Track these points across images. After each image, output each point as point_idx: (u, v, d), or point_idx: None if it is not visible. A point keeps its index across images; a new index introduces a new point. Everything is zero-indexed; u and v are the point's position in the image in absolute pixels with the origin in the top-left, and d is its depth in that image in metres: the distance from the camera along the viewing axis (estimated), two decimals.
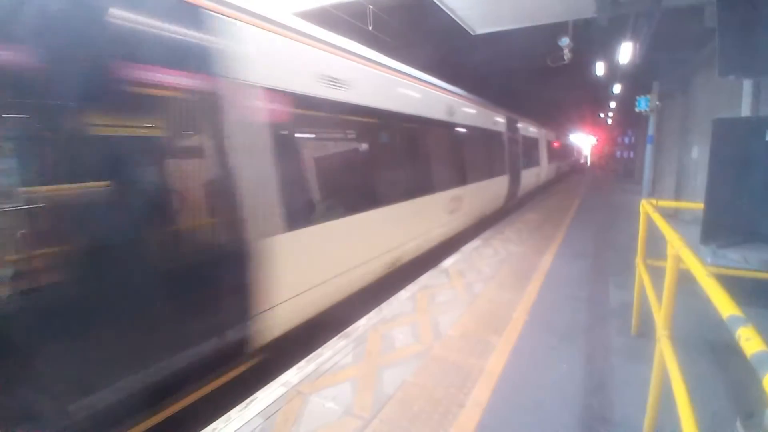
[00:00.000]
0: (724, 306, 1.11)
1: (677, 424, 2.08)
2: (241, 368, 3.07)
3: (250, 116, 3.05)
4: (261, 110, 3.15)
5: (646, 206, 3.29)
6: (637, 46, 6.33)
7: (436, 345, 3.35)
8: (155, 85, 2.48)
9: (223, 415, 2.48)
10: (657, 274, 2.98)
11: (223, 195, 2.84)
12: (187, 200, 2.67)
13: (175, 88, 2.59)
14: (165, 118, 2.59)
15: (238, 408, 2.53)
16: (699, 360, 2.94)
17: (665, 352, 1.88)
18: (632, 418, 2.37)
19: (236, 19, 2.96)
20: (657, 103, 9.38)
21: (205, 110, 2.76)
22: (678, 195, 8.49)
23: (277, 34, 3.36)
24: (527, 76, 12.43)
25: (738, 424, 2.19)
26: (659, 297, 2.26)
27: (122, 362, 2.22)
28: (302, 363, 3.07)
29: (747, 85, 3.59)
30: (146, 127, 2.54)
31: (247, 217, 2.89)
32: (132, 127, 2.46)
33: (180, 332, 2.52)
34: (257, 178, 3.04)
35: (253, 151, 3.02)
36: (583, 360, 3.13)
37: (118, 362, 2.20)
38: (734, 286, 1.32)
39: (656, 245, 3.34)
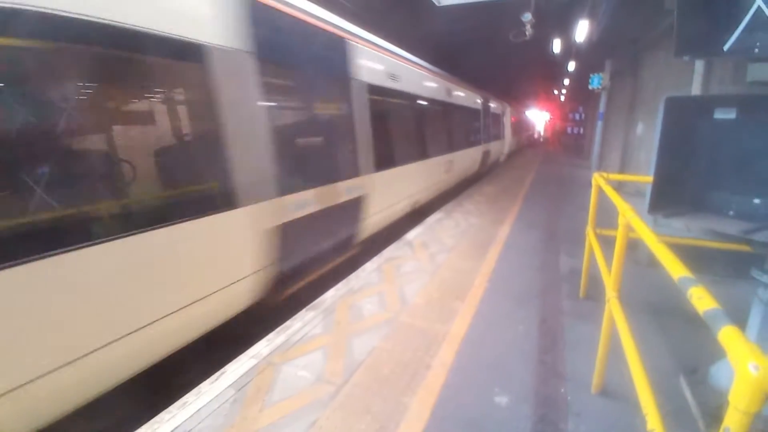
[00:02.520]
0: (675, 269, 1.23)
1: (622, 377, 2.32)
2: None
3: None
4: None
5: (598, 179, 3.51)
6: (594, 23, 6.53)
7: (403, 313, 3.46)
8: None
9: (192, 389, 2.45)
10: (604, 242, 3.23)
11: None
12: None
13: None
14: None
15: (208, 381, 2.51)
16: (641, 321, 3.26)
17: (614, 312, 2.06)
18: (582, 372, 2.62)
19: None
20: (608, 81, 9.82)
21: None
22: (623, 169, 9.07)
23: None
24: (488, 50, 12.50)
25: (682, 379, 2.47)
26: (608, 262, 2.47)
27: None
28: (271, 335, 3.07)
29: (699, 65, 3.85)
30: None
31: None
32: None
33: None
34: None
35: None
36: (538, 321, 3.37)
37: None
38: (676, 253, 1.46)
39: (601, 215, 3.60)
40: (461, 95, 9.90)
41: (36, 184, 1.93)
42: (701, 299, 0.99)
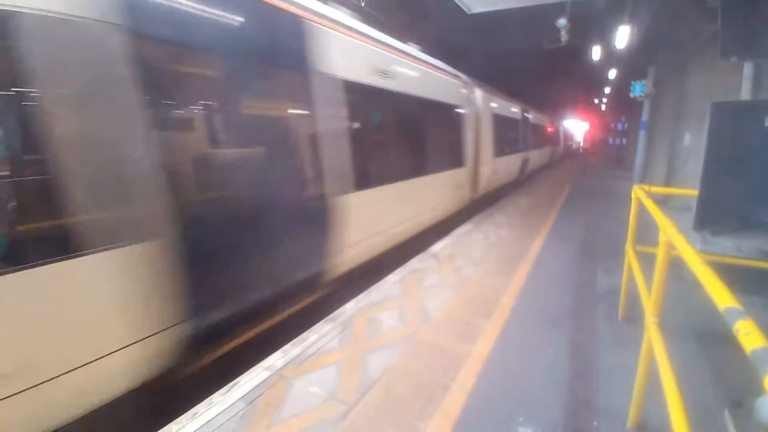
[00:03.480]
0: (721, 297, 1.06)
1: (662, 411, 2.08)
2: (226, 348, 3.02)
3: None
4: None
5: (638, 192, 3.25)
6: (635, 29, 6.22)
7: (424, 329, 3.32)
8: None
9: (205, 399, 2.43)
10: (645, 260, 2.96)
11: None
12: None
13: None
14: None
15: (220, 392, 2.49)
16: (685, 347, 2.96)
17: (654, 340, 1.85)
18: (617, 404, 2.38)
19: None
20: (652, 88, 9.31)
21: None
22: (669, 182, 8.51)
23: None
24: (522, 58, 12.22)
25: (726, 413, 2.19)
26: (648, 283, 2.24)
27: None
28: (287, 346, 3.03)
29: (748, 68, 3.52)
30: None
31: None
32: None
33: None
34: None
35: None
36: (570, 345, 3.13)
37: None
38: (725, 273, 1.28)
39: (644, 231, 3.33)
40: (548, 124, 20.52)
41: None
42: (749, 335, 0.83)
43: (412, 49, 6.01)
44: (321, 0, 4.10)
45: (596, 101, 27.01)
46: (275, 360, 2.84)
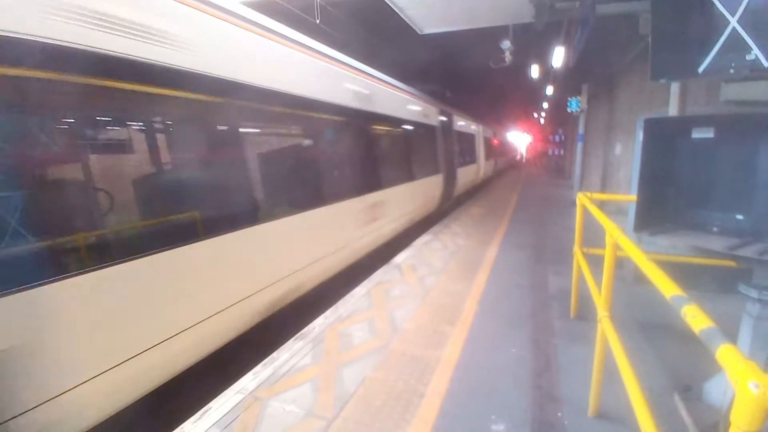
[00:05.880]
0: (667, 288, 1.22)
1: (617, 398, 2.28)
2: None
3: None
4: None
5: (582, 199, 3.56)
6: (570, 50, 6.82)
7: (394, 339, 3.38)
8: None
9: (175, 428, 2.32)
10: (590, 261, 3.25)
11: None
12: None
13: None
14: None
15: (191, 420, 2.38)
16: (631, 339, 3.25)
17: (608, 332, 2.04)
18: (578, 395, 2.56)
19: None
20: (585, 104, 10.18)
21: None
22: (603, 187, 9.28)
23: None
24: (471, 77, 12.91)
25: (676, 397, 2.44)
26: (597, 282, 2.47)
27: None
28: (258, 368, 2.96)
29: (674, 86, 4.02)
30: None
31: None
32: None
33: None
34: None
35: None
36: (531, 343, 3.33)
37: None
38: (663, 269, 1.46)
39: (585, 233, 3.65)
40: (511, 142, 28.31)
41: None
42: (696, 318, 0.98)
43: None
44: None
45: (536, 115, 28.88)
46: (246, 382, 2.76)
